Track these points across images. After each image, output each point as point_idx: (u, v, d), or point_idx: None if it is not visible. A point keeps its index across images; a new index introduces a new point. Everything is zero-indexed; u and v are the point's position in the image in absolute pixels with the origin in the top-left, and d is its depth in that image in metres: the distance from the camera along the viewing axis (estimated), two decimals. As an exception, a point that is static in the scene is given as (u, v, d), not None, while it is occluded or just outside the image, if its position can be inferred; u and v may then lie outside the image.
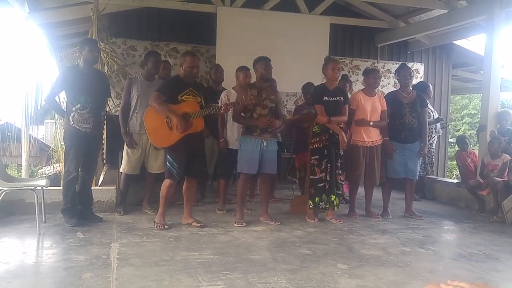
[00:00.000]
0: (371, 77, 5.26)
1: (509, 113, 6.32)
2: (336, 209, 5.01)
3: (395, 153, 5.24)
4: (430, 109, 6.40)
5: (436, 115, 6.81)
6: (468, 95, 20.66)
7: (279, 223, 4.74)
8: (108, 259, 3.38)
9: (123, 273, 3.05)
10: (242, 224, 4.61)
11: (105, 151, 5.47)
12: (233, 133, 5.31)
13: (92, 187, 4.85)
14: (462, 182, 6.51)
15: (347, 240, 4.23)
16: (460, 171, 7.11)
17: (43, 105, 6.65)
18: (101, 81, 4.66)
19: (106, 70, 5.59)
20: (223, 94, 5.31)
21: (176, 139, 4.30)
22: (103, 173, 5.68)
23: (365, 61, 8.61)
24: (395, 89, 6.71)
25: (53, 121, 7.54)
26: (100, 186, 5.31)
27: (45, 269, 3.19)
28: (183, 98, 4.38)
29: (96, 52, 4.58)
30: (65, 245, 3.75)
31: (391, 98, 5.37)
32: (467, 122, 23.90)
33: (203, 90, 4.66)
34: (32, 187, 4.22)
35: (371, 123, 5.15)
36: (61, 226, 4.37)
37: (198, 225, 4.49)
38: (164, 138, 4.36)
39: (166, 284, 2.88)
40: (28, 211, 4.52)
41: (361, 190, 5.50)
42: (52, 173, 7.72)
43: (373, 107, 5.19)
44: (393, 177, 5.35)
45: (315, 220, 4.90)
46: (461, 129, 23.60)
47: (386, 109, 5.24)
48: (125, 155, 5.14)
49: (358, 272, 3.27)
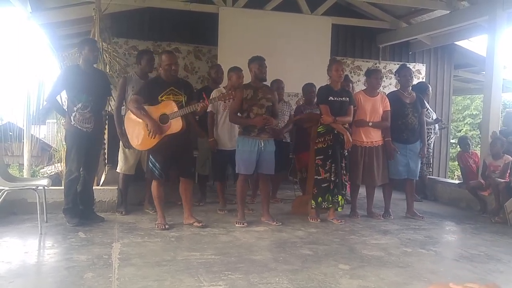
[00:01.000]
0: (373, 78, 5.26)
1: None
2: (340, 209, 5.01)
3: (397, 154, 5.23)
4: (429, 109, 6.41)
5: (435, 115, 6.81)
6: (470, 95, 20.66)
7: (280, 223, 4.73)
8: (110, 259, 3.38)
9: (124, 273, 3.05)
10: (243, 224, 4.60)
11: (106, 150, 5.47)
12: (224, 133, 5.28)
13: (93, 187, 4.85)
14: (463, 183, 6.50)
15: (348, 240, 4.22)
16: (461, 172, 7.10)
17: (44, 105, 6.66)
18: (102, 80, 4.66)
19: (108, 70, 5.59)
20: (213, 92, 5.28)
21: (155, 142, 4.26)
22: (104, 173, 5.68)
23: (367, 61, 8.62)
24: (396, 89, 6.71)
25: (55, 120, 7.54)
26: (101, 186, 5.32)
27: (47, 268, 3.20)
28: (163, 99, 4.31)
29: (96, 51, 4.58)
30: (66, 245, 3.76)
31: (393, 98, 5.36)
32: (468, 122, 23.89)
33: (187, 88, 4.52)
34: (34, 187, 4.23)
35: (370, 123, 5.15)
36: (62, 225, 4.38)
37: (199, 225, 4.49)
38: (144, 140, 4.33)
39: (167, 284, 2.88)
40: (30, 211, 4.53)
41: (362, 191, 5.49)
42: (53, 173, 7.74)
43: (373, 107, 5.18)
44: (395, 178, 5.34)
45: (317, 221, 4.90)
46: (462, 129, 23.60)
47: (388, 109, 5.23)
48: (121, 154, 5.14)
49: (359, 272, 3.27)
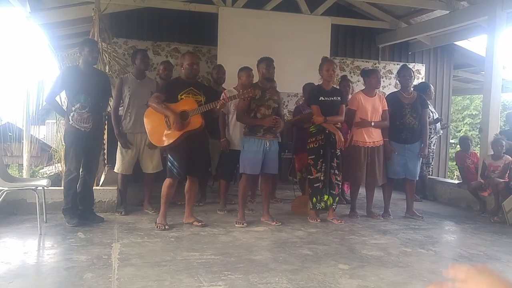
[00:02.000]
0: (373, 77, 5.25)
1: None
2: (334, 207, 4.98)
3: (394, 154, 5.24)
4: (430, 109, 6.40)
5: (436, 115, 6.81)
6: (469, 95, 20.69)
7: (280, 223, 4.74)
8: (109, 259, 3.38)
9: (124, 273, 3.05)
10: (243, 225, 4.60)
11: (106, 151, 5.47)
12: (235, 133, 5.29)
13: (93, 187, 4.85)
14: (463, 183, 6.51)
15: (348, 240, 4.22)
16: (460, 172, 7.10)
17: (44, 105, 6.66)
18: (102, 81, 4.65)
19: (107, 70, 5.59)
20: (224, 92, 5.30)
21: (175, 137, 4.29)
22: (104, 173, 5.68)
23: (366, 61, 8.62)
24: (396, 89, 6.71)
25: (54, 121, 7.54)
26: (101, 186, 5.32)
27: (46, 269, 3.19)
28: (182, 97, 4.38)
29: (96, 52, 4.58)
30: (66, 245, 3.76)
31: (392, 99, 5.37)
32: (468, 122, 23.91)
33: (205, 89, 4.64)
34: (33, 187, 4.23)
35: (372, 123, 5.15)
36: (62, 226, 4.37)
37: (199, 224, 4.50)
38: (164, 137, 4.35)
39: (167, 285, 2.88)
40: (29, 211, 4.53)
41: (362, 191, 5.49)
42: (53, 173, 7.73)
43: (373, 107, 5.19)
44: (393, 177, 5.35)
45: (317, 221, 4.90)
46: (462, 129, 23.62)
47: (387, 109, 5.24)
48: (118, 155, 5.14)
49: (359, 272, 3.27)
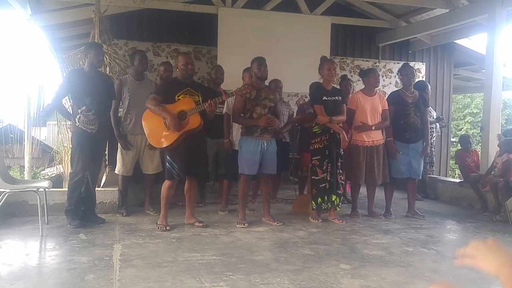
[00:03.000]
0: (372, 77, 5.24)
1: None
2: (338, 209, 5.01)
3: (398, 153, 5.23)
4: (430, 108, 6.40)
5: (435, 114, 6.80)
6: (470, 94, 20.68)
7: (281, 223, 4.74)
8: (111, 260, 3.39)
9: (125, 275, 3.06)
10: (244, 225, 4.60)
11: (107, 152, 5.48)
12: (238, 134, 5.30)
13: (95, 189, 4.86)
14: (464, 182, 6.50)
15: (349, 240, 4.22)
16: (460, 171, 7.10)
17: (45, 106, 6.68)
18: (106, 83, 4.69)
19: (108, 72, 5.61)
20: (222, 90, 5.29)
21: (174, 138, 4.29)
22: (105, 174, 5.69)
23: (367, 60, 8.61)
24: (396, 88, 6.70)
25: (55, 122, 7.55)
26: (102, 187, 5.32)
27: (48, 270, 3.20)
28: (179, 98, 4.38)
29: (101, 56, 4.62)
30: (67, 247, 3.76)
31: (395, 98, 5.35)
32: (469, 121, 23.90)
33: (203, 89, 4.64)
34: (35, 189, 4.24)
35: (373, 127, 5.14)
36: (63, 227, 4.38)
37: (201, 225, 4.50)
38: (163, 138, 4.35)
39: (168, 285, 2.88)
40: (31, 213, 4.54)
41: (363, 190, 5.49)
42: (54, 175, 7.75)
43: (372, 107, 5.18)
44: (397, 177, 5.34)
45: (318, 221, 4.90)
46: (463, 128, 23.60)
47: (387, 108, 5.23)
48: (119, 156, 5.15)
49: (360, 272, 3.27)
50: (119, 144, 5.13)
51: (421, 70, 8.87)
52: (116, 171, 5.18)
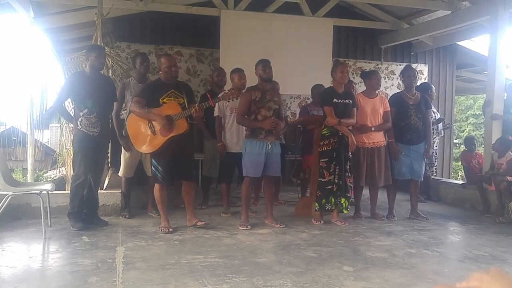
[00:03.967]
0: (374, 79, 5.24)
1: None
2: (345, 212, 5.01)
3: (400, 155, 5.22)
4: (433, 110, 6.39)
5: (439, 116, 6.79)
6: (473, 95, 20.61)
7: (284, 225, 4.73)
8: (114, 263, 3.39)
9: (128, 277, 3.06)
10: (247, 227, 4.60)
11: (109, 154, 5.49)
12: (232, 136, 5.30)
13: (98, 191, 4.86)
14: (467, 183, 6.48)
15: (352, 242, 4.22)
16: (465, 172, 7.08)
17: (48, 109, 6.69)
18: (108, 86, 4.69)
19: (110, 74, 5.62)
20: (208, 94, 5.26)
21: (161, 143, 4.26)
22: (108, 176, 5.70)
23: (369, 62, 8.61)
24: (398, 90, 6.70)
25: (58, 125, 7.57)
26: (105, 190, 5.33)
27: (51, 273, 3.20)
28: (164, 101, 4.32)
29: (103, 58, 4.62)
30: (70, 249, 3.77)
31: (396, 100, 5.35)
32: (471, 122, 23.84)
33: (187, 89, 4.55)
34: (38, 192, 4.24)
35: (372, 128, 5.13)
36: (66, 230, 4.38)
37: (203, 223, 4.48)
38: (148, 143, 4.33)
39: (171, 288, 2.89)
40: (34, 216, 4.55)
41: (366, 192, 5.48)
42: (57, 177, 7.75)
43: (373, 108, 5.18)
44: (398, 178, 5.33)
45: (321, 223, 4.89)
46: (466, 129, 23.54)
47: (389, 110, 5.22)
48: (123, 158, 5.16)
49: (363, 274, 3.26)
50: (122, 147, 5.13)
51: (423, 72, 8.86)
52: (120, 174, 5.18)
